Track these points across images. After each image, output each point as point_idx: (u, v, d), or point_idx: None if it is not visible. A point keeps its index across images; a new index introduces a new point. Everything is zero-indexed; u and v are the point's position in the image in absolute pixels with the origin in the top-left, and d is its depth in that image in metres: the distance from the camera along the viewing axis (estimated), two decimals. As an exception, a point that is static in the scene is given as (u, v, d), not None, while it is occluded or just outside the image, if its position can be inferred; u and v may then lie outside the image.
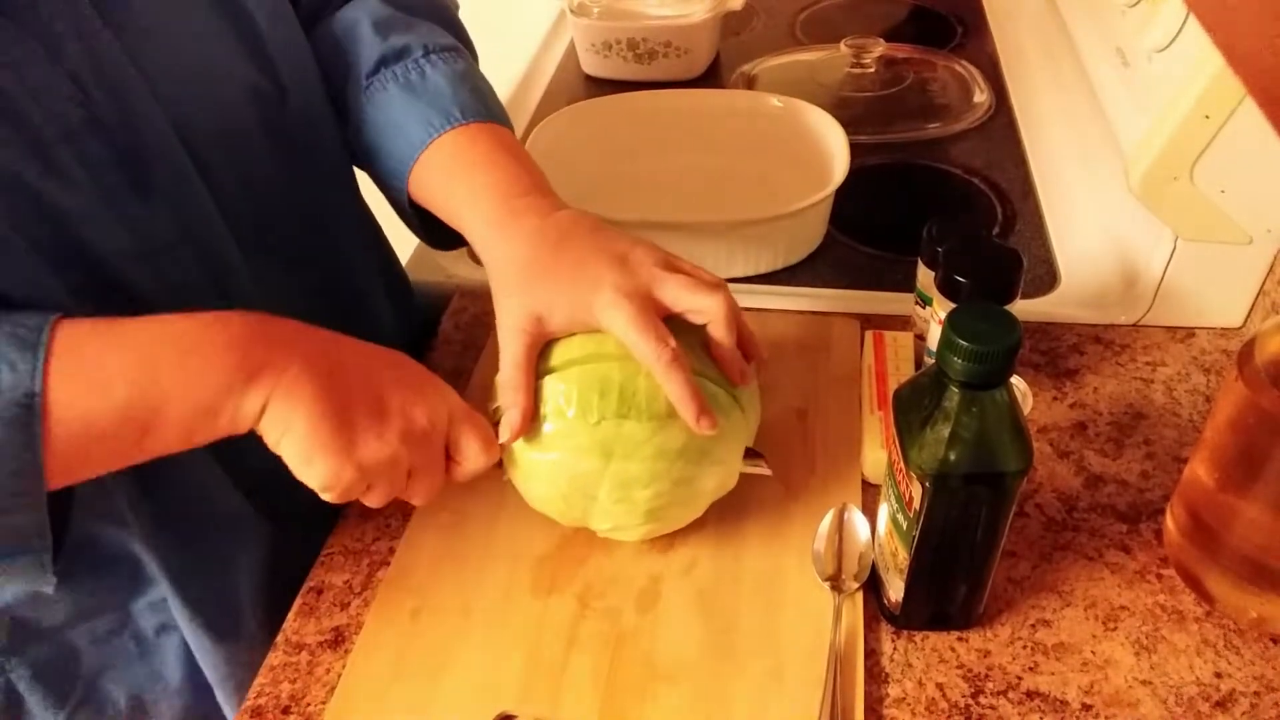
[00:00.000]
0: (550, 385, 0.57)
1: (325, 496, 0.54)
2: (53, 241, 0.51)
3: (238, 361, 0.50)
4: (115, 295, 0.55)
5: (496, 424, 0.58)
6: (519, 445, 0.58)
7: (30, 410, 0.46)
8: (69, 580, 0.61)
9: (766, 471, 0.63)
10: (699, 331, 0.59)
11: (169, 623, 0.66)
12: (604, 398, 0.55)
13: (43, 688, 0.64)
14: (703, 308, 0.57)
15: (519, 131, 1.08)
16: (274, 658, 0.60)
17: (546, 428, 0.57)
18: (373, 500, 0.55)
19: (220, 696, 0.68)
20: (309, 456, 0.52)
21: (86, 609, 0.64)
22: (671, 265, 0.59)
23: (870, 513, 0.63)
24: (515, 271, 0.58)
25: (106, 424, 0.48)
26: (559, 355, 0.58)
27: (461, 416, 0.57)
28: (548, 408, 0.57)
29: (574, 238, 0.59)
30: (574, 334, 0.58)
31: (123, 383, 0.48)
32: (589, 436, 0.56)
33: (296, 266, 0.67)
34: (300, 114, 0.65)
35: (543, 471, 0.58)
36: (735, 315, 0.58)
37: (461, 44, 0.71)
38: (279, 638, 0.61)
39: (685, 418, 0.55)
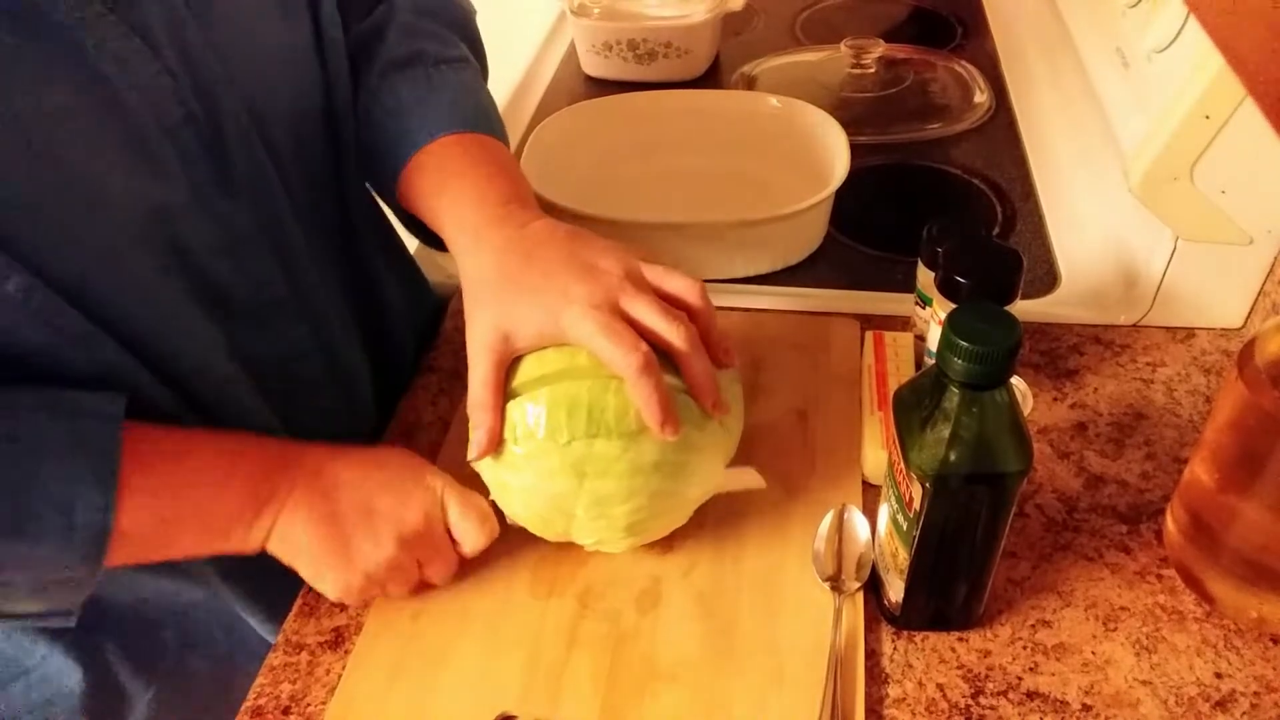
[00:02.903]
0: (519, 407, 0.56)
1: (346, 603, 0.59)
2: (160, 243, 0.53)
3: (247, 494, 0.56)
4: (212, 293, 0.57)
5: None
6: (494, 468, 0.58)
7: (100, 543, 0.50)
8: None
9: (759, 483, 0.63)
10: None
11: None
12: (572, 417, 0.55)
13: (132, 663, 0.67)
14: (665, 334, 0.55)
15: (519, 132, 1.08)
16: (274, 658, 0.60)
17: (518, 450, 0.56)
18: (394, 595, 0.60)
19: None
20: (319, 573, 0.58)
21: (165, 589, 0.66)
22: (639, 277, 0.57)
23: (870, 513, 0.63)
24: (484, 285, 0.58)
25: (139, 537, 0.53)
26: (530, 370, 0.57)
27: (454, 500, 0.60)
28: (519, 430, 0.56)
29: (544, 249, 0.58)
30: (545, 348, 0.57)
31: (155, 511, 0.53)
32: (560, 457, 0.55)
33: (331, 248, 0.68)
34: (343, 108, 0.67)
35: (520, 493, 0.58)
36: (698, 343, 0.56)
37: (475, 58, 0.72)
38: (279, 638, 0.61)
39: (649, 424, 0.54)
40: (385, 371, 0.77)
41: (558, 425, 0.55)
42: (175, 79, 0.51)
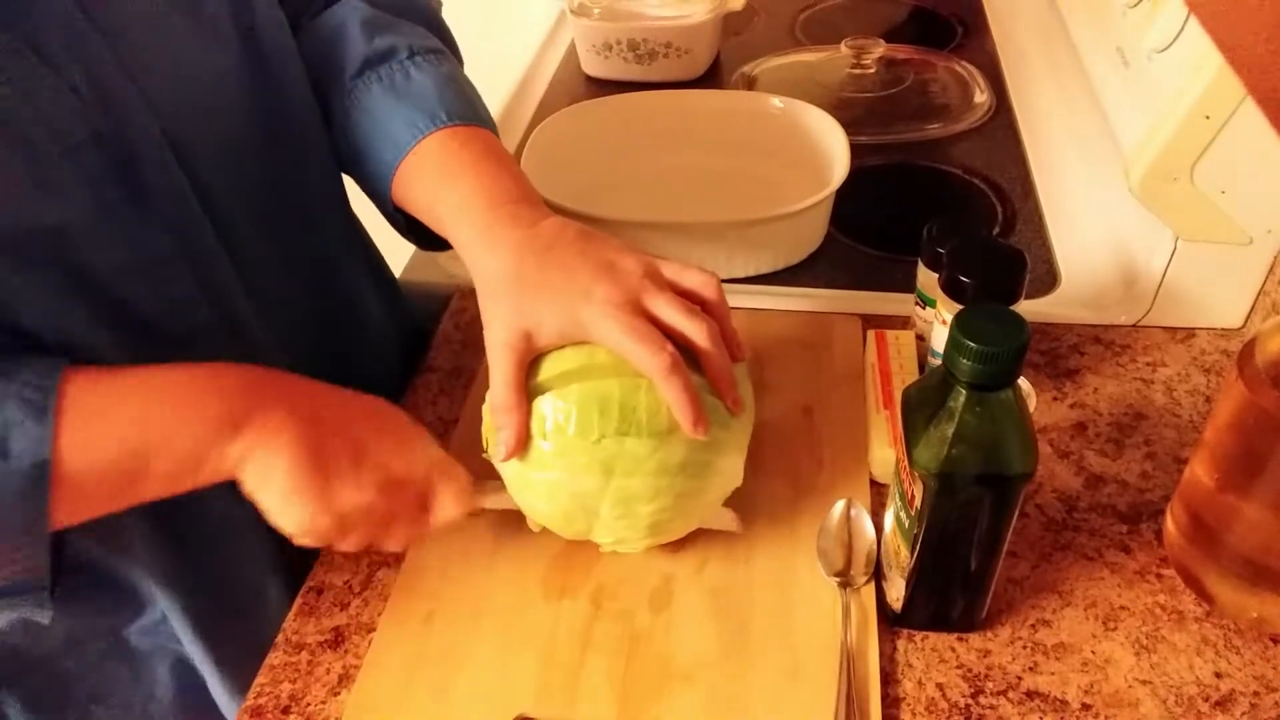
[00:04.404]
0: (549, 403, 0.56)
1: (301, 541, 0.55)
2: (57, 264, 0.51)
3: (224, 412, 0.52)
4: (122, 315, 0.55)
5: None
6: (519, 465, 0.57)
7: (40, 477, 0.48)
8: (64, 605, 0.61)
9: (736, 526, 0.63)
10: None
11: (163, 644, 0.66)
12: (604, 415, 0.55)
13: (33, 716, 0.64)
14: (688, 332, 0.55)
15: (519, 132, 1.08)
16: (274, 658, 0.60)
17: (546, 446, 0.56)
18: (348, 545, 0.57)
19: (231, 715, 0.68)
20: (286, 501, 0.53)
21: (79, 634, 0.64)
22: (658, 274, 0.57)
23: (878, 512, 0.63)
24: (501, 285, 0.57)
25: (101, 475, 0.50)
26: (551, 368, 0.57)
27: (440, 467, 0.58)
28: (547, 426, 0.56)
29: (559, 248, 0.57)
30: (564, 346, 0.57)
31: (117, 438, 0.50)
32: (590, 455, 0.55)
33: (287, 273, 0.66)
34: (295, 120, 0.65)
35: (544, 490, 0.57)
36: (719, 340, 0.56)
37: (446, 46, 0.71)
38: (279, 638, 0.61)
39: (682, 423, 0.54)
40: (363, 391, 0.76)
41: (589, 422, 0.55)
42: (79, 95, 0.49)
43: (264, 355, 0.63)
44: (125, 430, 0.51)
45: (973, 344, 0.46)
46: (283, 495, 0.53)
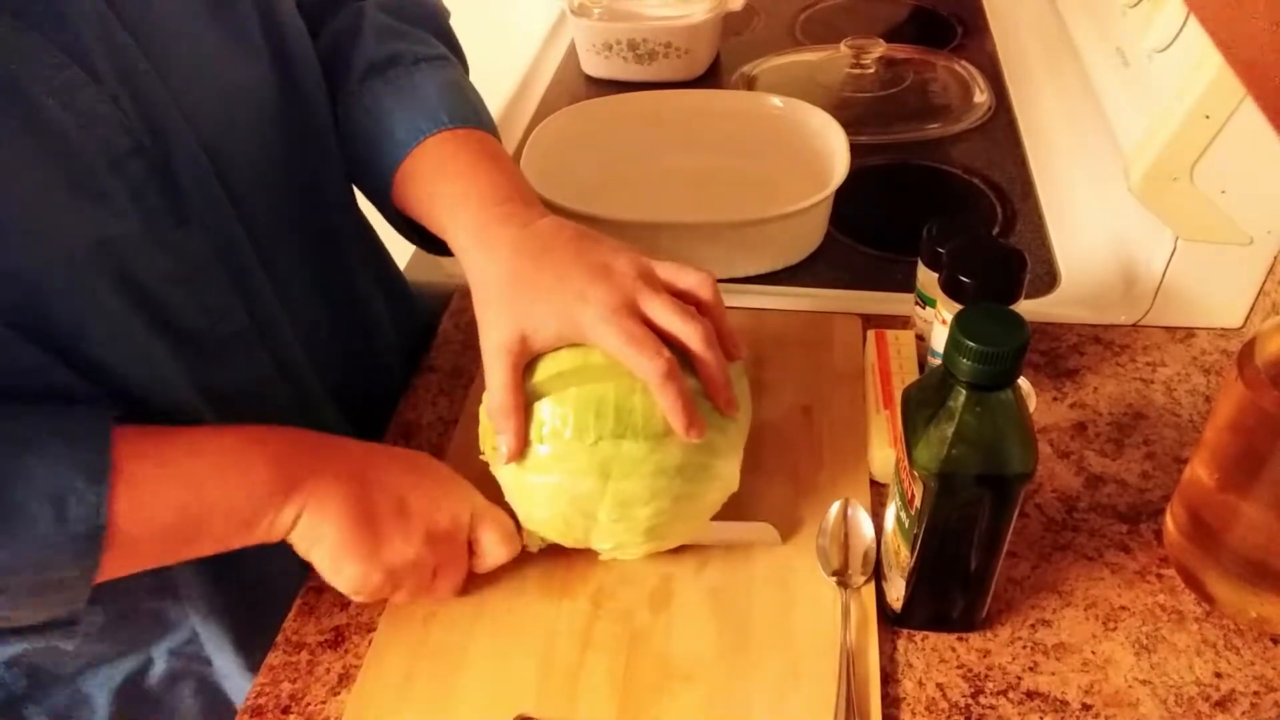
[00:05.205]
0: (545, 408, 0.56)
1: (355, 598, 0.57)
2: (113, 278, 0.51)
3: (275, 478, 0.54)
4: (170, 325, 0.55)
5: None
6: (517, 470, 0.57)
7: (95, 540, 0.48)
8: (92, 633, 0.62)
9: (775, 539, 0.63)
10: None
11: (188, 666, 0.66)
12: (600, 417, 0.55)
13: None
14: (682, 335, 0.55)
15: (519, 132, 1.08)
16: (274, 658, 0.60)
17: (543, 450, 0.56)
18: (401, 598, 0.59)
19: None
20: (338, 563, 0.55)
21: (105, 656, 0.64)
22: (653, 275, 0.57)
23: (877, 512, 0.63)
24: (497, 286, 0.57)
25: (153, 540, 0.52)
26: (547, 369, 0.57)
27: (482, 513, 0.60)
28: (544, 430, 0.56)
29: (554, 249, 0.57)
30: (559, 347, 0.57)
31: (172, 506, 0.52)
32: (587, 457, 0.55)
33: (307, 275, 0.67)
34: (316, 127, 0.65)
35: (542, 495, 0.57)
36: (714, 342, 0.56)
37: (453, 54, 0.71)
38: (279, 637, 0.61)
39: (675, 427, 0.54)
40: (371, 390, 0.76)
41: (585, 425, 0.55)
42: (120, 107, 0.50)
43: (289, 358, 0.64)
44: (179, 496, 0.52)
45: (973, 344, 0.46)
46: (334, 556, 0.55)
